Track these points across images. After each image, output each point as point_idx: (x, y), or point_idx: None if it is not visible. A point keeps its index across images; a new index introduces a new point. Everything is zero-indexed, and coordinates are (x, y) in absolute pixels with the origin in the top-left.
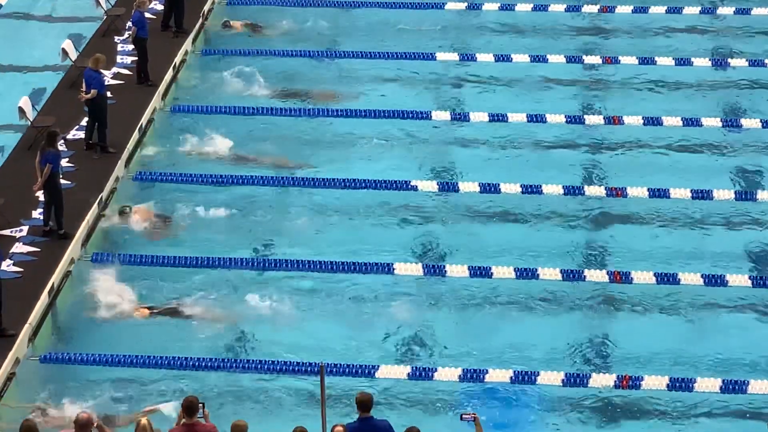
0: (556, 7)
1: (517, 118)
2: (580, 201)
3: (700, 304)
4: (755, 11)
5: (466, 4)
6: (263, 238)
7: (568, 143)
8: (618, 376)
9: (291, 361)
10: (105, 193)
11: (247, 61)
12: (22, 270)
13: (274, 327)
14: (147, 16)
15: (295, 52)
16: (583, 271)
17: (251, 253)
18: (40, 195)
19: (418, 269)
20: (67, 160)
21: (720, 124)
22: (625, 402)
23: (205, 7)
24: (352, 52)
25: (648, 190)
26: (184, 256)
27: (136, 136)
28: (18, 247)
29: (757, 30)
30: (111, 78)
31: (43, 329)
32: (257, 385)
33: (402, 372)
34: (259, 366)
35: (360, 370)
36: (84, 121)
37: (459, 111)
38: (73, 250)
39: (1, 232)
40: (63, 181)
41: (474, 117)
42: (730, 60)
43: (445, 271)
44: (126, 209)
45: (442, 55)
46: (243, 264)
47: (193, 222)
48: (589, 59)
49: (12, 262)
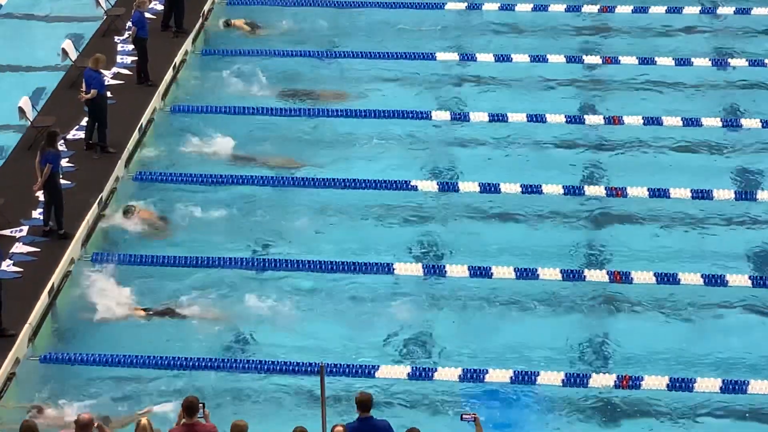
0: (556, 7)
1: (517, 118)
2: (580, 201)
3: (700, 304)
4: (755, 11)
5: (466, 4)
6: (263, 238)
7: (568, 143)
8: (618, 376)
9: (291, 361)
10: (105, 193)
11: (247, 61)
12: (22, 270)
13: (274, 327)
14: (147, 16)
15: (295, 52)
16: (583, 271)
17: (251, 253)
18: (40, 195)
19: (418, 269)
20: (67, 160)
21: (720, 124)
22: (625, 402)
23: (205, 7)
24: (352, 52)
25: (648, 190)
26: (183, 256)
27: (136, 136)
28: (18, 247)
29: (757, 30)
30: (111, 78)
31: (43, 329)
32: (257, 385)
33: (402, 372)
34: (259, 366)
35: (360, 370)
36: (84, 121)
37: (459, 111)
38: (73, 250)
39: (1, 232)
40: (63, 181)
41: (474, 117)
42: (730, 60)
43: (445, 271)
44: (132, 209)
45: (442, 55)
46: (243, 264)
47: (193, 222)
48: (589, 59)
49: (12, 262)
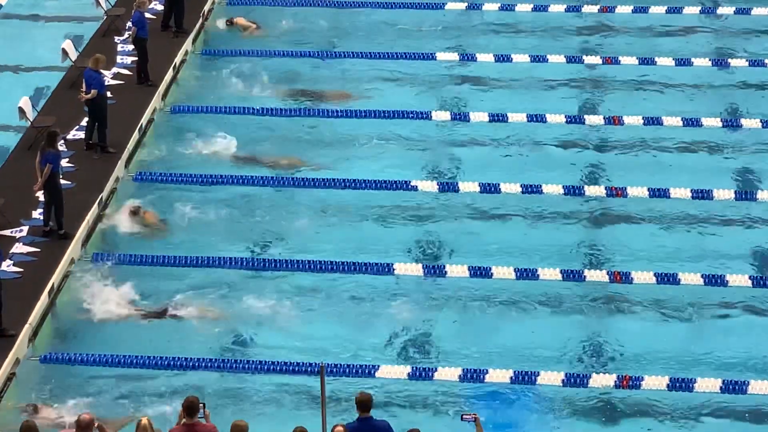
0: (556, 7)
1: (517, 118)
2: (580, 201)
3: (700, 304)
4: (755, 11)
5: (466, 4)
6: (263, 238)
7: (569, 143)
8: (618, 376)
9: (291, 361)
10: (105, 194)
11: (247, 61)
12: (22, 270)
13: (274, 327)
14: (147, 16)
15: (295, 52)
16: (583, 271)
17: (251, 253)
18: (41, 195)
19: (418, 269)
20: (67, 160)
21: (720, 124)
22: (625, 402)
23: (205, 7)
24: (353, 52)
25: (648, 190)
26: (183, 256)
27: (136, 137)
28: (18, 248)
29: (757, 30)
30: (111, 78)
31: (43, 329)
32: (257, 385)
33: (402, 372)
34: (259, 366)
35: (360, 370)
36: (84, 122)
37: (459, 111)
38: (73, 250)
39: (1, 232)
40: (63, 181)
41: (474, 117)
42: (730, 60)
43: (445, 271)
44: (140, 210)
45: (442, 55)
46: (243, 264)
47: (192, 222)
48: (589, 59)
49: (12, 262)
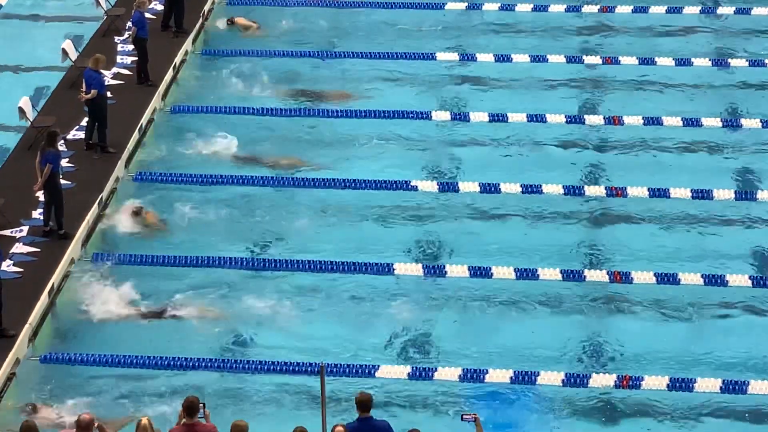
0: (556, 7)
1: (517, 118)
2: (580, 201)
3: (700, 304)
4: (755, 11)
5: (466, 4)
6: (263, 238)
7: (569, 143)
8: (618, 376)
9: (291, 361)
10: (105, 194)
11: (247, 61)
12: (22, 270)
13: (274, 327)
14: (147, 16)
15: (295, 52)
16: (583, 271)
17: (251, 253)
18: (41, 195)
19: (418, 269)
20: (67, 160)
21: (720, 124)
22: (625, 402)
23: (205, 7)
24: (353, 52)
25: (648, 190)
26: (183, 256)
27: (136, 137)
28: (18, 248)
29: (757, 30)
30: (111, 78)
31: (43, 329)
32: (257, 385)
33: (402, 372)
34: (259, 366)
35: (360, 370)
36: (84, 122)
37: (459, 111)
38: (73, 250)
39: (1, 232)
40: (63, 181)
41: (474, 117)
42: (730, 60)
43: (445, 271)
44: (141, 210)
45: (442, 55)
46: (243, 264)
47: (192, 222)
48: (589, 59)
49: (12, 262)
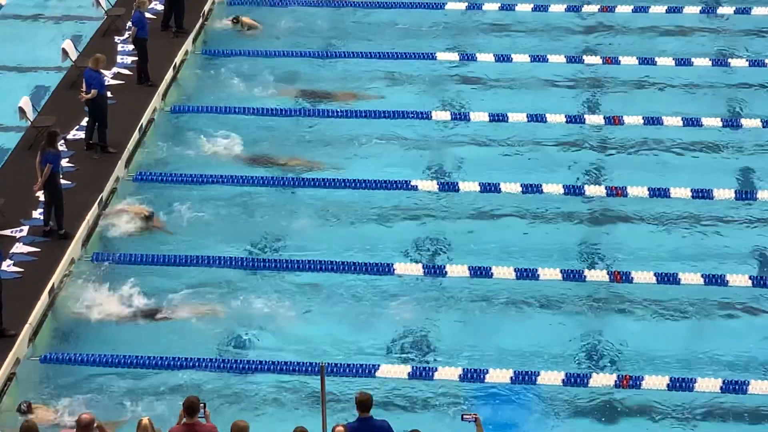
0: (556, 7)
1: (517, 118)
2: (581, 201)
3: (701, 304)
4: (755, 11)
5: (466, 4)
6: (263, 237)
7: (569, 143)
8: (618, 376)
9: (291, 361)
10: (105, 193)
11: (248, 60)
12: (22, 270)
13: (274, 327)
14: (147, 16)
15: (295, 52)
16: (583, 271)
17: (251, 252)
18: (41, 195)
19: (418, 269)
20: (67, 160)
21: (720, 124)
22: (625, 402)
23: (206, 7)
24: (353, 52)
25: (648, 189)
26: (183, 255)
27: (136, 136)
28: (18, 247)
29: (757, 30)
30: (111, 78)
31: (43, 329)
32: (257, 384)
33: (402, 372)
34: (259, 366)
35: (360, 370)
36: (84, 121)
37: (459, 111)
38: (73, 250)
39: (1, 232)
40: (63, 181)
41: (474, 117)
42: (730, 60)
43: (445, 271)
44: (152, 215)
45: (442, 55)
46: (243, 264)
47: (192, 222)
48: (589, 59)
49: (12, 262)
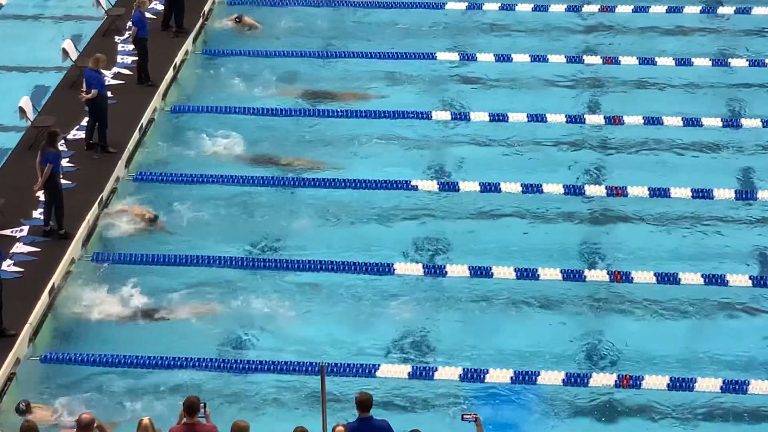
0: (556, 7)
1: (517, 117)
2: (581, 201)
3: (701, 304)
4: (756, 11)
5: (466, 4)
6: (263, 237)
7: (569, 143)
8: (618, 376)
9: (291, 361)
10: (105, 193)
11: (248, 60)
12: (22, 270)
13: (274, 326)
14: (147, 16)
15: (295, 52)
16: (583, 271)
17: (251, 252)
18: (41, 195)
19: (418, 269)
20: (67, 160)
21: (720, 124)
22: (625, 402)
23: (206, 7)
24: (353, 52)
25: (648, 189)
26: (184, 255)
27: (136, 136)
28: (18, 247)
29: (757, 30)
30: (111, 78)
31: (43, 329)
32: (257, 384)
33: (402, 371)
34: (259, 366)
35: (360, 370)
36: (84, 121)
37: (459, 111)
38: (73, 250)
39: (1, 232)
40: (63, 180)
41: (474, 117)
42: (730, 60)
43: (445, 271)
44: (156, 218)
45: (442, 55)
46: (243, 263)
47: (193, 222)
48: (589, 59)
49: (12, 262)
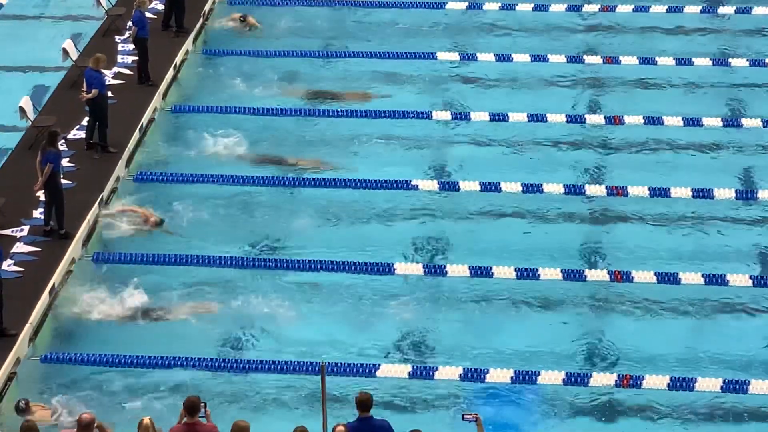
0: (557, 7)
1: (517, 117)
2: (581, 200)
3: (701, 304)
4: (756, 11)
5: (466, 3)
6: (264, 237)
7: (569, 143)
8: (619, 376)
9: (291, 361)
10: (105, 193)
11: (248, 60)
12: (22, 270)
13: (274, 326)
14: (147, 15)
15: (296, 52)
16: (583, 271)
17: (252, 252)
18: (41, 195)
19: (418, 269)
20: (67, 159)
21: (721, 124)
22: (626, 402)
23: (206, 7)
24: (353, 52)
25: (649, 189)
26: (184, 255)
27: (136, 136)
28: (19, 247)
29: (758, 29)
30: (112, 78)
31: (43, 329)
32: (258, 384)
33: (402, 371)
34: (259, 366)
35: (360, 370)
36: (85, 121)
37: (460, 111)
38: (73, 249)
39: (1, 232)
40: (64, 180)
41: (475, 116)
42: (731, 59)
43: (446, 271)
44: (162, 222)
45: (443, 55)
46: (244, 263)
47: (193, 221)
48: (589, 59)
49: (13, 261)
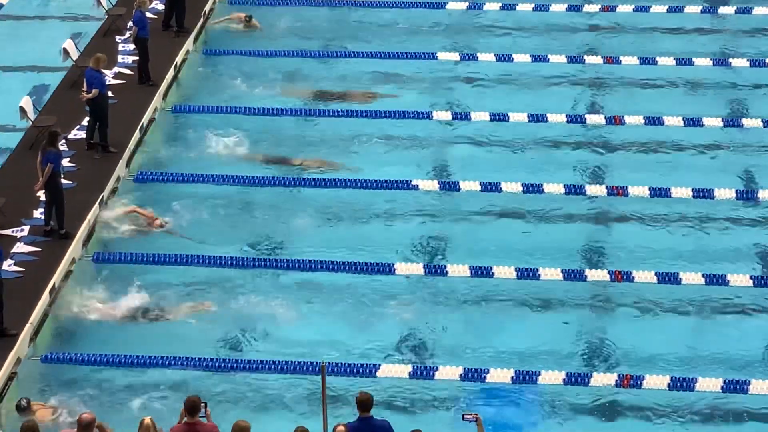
0: (557, 7)
1: (518, 117)
2: (582, 200)
3: (702, 304)
4: (756, 11)
5: (467, 3)
6: (264, 237)
7: (570, 143)
8: (619, 376)
9: (292, 361)
10: (106, 193)
11: (249, 60)
12: (23, 270)
13: (274, 326)
14: (148, 15)
15: (296, 52)
16: (583, 271)
17: (252, 252)
18: (41, 195)
19: (418, 269)
20: (68, 159)
21: (721, 124)
22: (626, 402)
23: (206, 7)
24: (353, 52)
25: (649, 189)
26: (184, 255)
27: (137, 136)
28: (19, 247)
29: (758, 29)
30: (112, 78)
31: (44, 329)
32: (258, 384)
33: (402, 371)
34: (259, 365)
35: (360, 370)
36: (85, 121)
37: (460, 110)
38: (74, 249)
39: (2, 232)
40: (64, 180)
41: (475, 116)
42: (731, 60)
43: (446, 271)
44: (166, 224)
45: (443, 55)
46: (244, 263)
47: (193, 221)
48: (589, 59)
49: (13, 261)
